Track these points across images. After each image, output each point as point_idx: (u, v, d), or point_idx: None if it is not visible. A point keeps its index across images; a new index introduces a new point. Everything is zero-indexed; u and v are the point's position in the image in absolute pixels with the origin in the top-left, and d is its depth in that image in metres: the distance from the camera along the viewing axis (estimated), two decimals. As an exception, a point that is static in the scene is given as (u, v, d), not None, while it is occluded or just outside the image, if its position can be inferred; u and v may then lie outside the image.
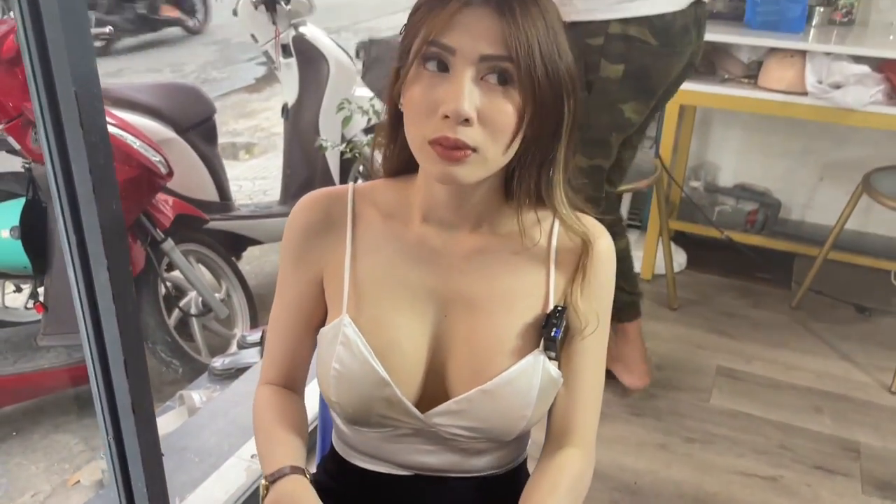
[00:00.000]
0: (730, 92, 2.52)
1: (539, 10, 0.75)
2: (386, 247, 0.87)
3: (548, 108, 0.77)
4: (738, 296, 2.72)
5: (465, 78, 0.73)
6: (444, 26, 0.73)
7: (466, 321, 0.85)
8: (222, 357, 2.34)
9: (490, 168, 0.78)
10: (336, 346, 0.85)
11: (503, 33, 0.72)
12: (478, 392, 0.83)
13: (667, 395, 2.16)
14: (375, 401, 0.85)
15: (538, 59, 0.73)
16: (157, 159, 2.26)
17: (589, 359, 0.88)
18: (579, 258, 0.86)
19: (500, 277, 0.86)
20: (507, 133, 0.76)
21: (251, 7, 2.88)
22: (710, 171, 3.13)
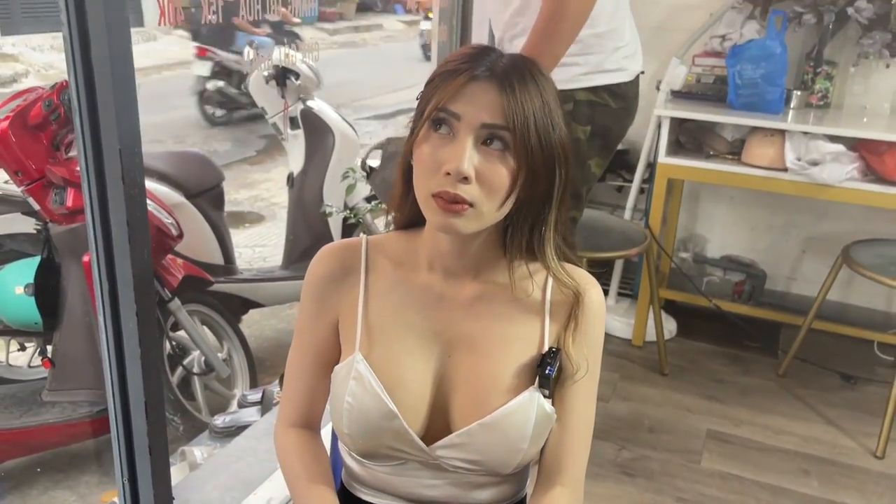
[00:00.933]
0: (715, 167, 2.67)
1: (537, 87, 0.86)
2: (396, 292, 0.96)
3: (540, 174, 0.86)
4: (726, 363, 2.80)
5: (467, 142, 0.84)
6: (453, 95, 0.85)
7: (468, 361, 0.93)
8: (223, 415, 2.37)
9: (485, 222, 0.88)
10: (349, 382, 0.93)
11: (503, 105, 0.83)
12: (477, 426, 0.91)
13: (659, 457, 2.21)
14: (384, 433, 0.92)
15: (532, 129, 0.84)
16: (170, 221, 2.35)
17: (579, 402, 0.96)
18: (571, 308, 0.95)
19: (499, 322, 0.94)
20: (502, 192, 0.86)
21: (262, 81, 3.04)
22: (698, 243, 3.25)
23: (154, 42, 10.58)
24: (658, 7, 3.02)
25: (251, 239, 4.62)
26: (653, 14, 3.02)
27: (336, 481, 1.13)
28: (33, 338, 2.41)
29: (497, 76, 0.84)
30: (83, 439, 2.29)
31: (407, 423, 0.92)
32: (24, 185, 2.14)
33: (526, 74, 0.86)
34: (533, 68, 0.88)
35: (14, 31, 8.38)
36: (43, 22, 7.11)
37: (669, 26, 2.99)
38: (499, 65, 0.86)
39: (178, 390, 2.48)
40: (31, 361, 2.53)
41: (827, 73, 2.77)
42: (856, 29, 2.71)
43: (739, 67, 2.60)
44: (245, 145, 6.59)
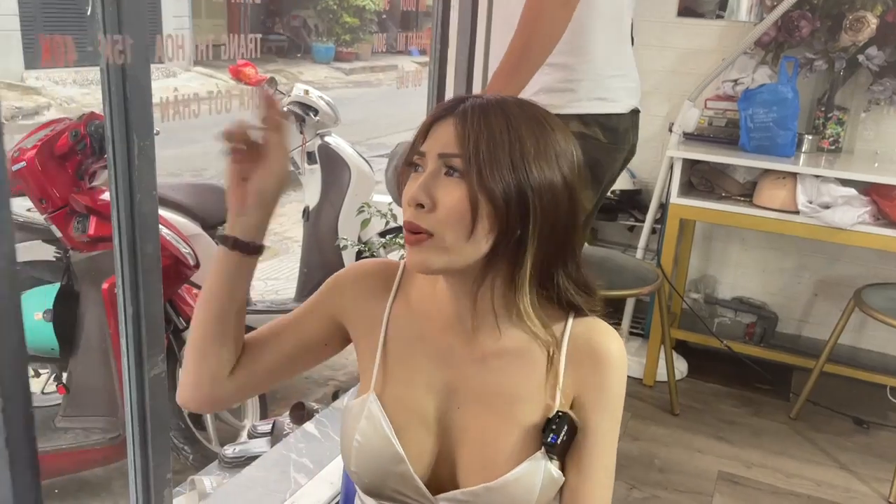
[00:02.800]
0: (727, 208, 2.69)
1: (503, 117, 0.84)
2: (413, 332, 0.96)
3: (501, 205, 0.82)
4: (738, 404, 2.78)
5: (427, 172, 0.85)
6: (422, 136, 0.88)
7: (477, 417, 0.92)
8: (233, 445, 2.38)
9: (455, 256, 0.84)
10: (361, 420, 0.93)
11: (456, 135, 0.84)
12: (483, 489, 0.89)
13: (669, 497, 2.20)
14: (390, 475, 0.92)
15: (485, 155, 0.82)
16: (187, 251, 2.39)
17: (598, 460, 0.92)
18: (588, 362, 0.91)
19: (511, 379, 0.91)
20: (463, 220, 0.83)
21: (281, 117, 3.10)
22: (709, 284, 3.26)
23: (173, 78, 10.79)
24: (671, 51, 3.08)
25: (264, 272, 4.66)
26: (666, 58, 3.08)
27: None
28: (48, 364, 2.44)
29: (458, 113, 0.85)
30: (94, 466, 2.29)
31: (413, 469, 0.91)
32: (48, 212, 2.19)
33: (491, 108, 0.85)
34: (515, 106, 0.86)
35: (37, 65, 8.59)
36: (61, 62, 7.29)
37: (682, 70, 3.05)
38: (466, 104, 0.86)
39: (189, 419, 2.48)
40: (44, 388, 2.54)
41: (838, 118, 2.81)
42: (867, 76, 2.75)
43: (751, 111, 2.64)
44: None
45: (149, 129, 1.19)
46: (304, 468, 2.08)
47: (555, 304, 0.92)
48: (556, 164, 0.85)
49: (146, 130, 1.18)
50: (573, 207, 0.87)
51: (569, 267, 0.90)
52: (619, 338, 0.94)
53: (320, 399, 2.87)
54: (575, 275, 0.91)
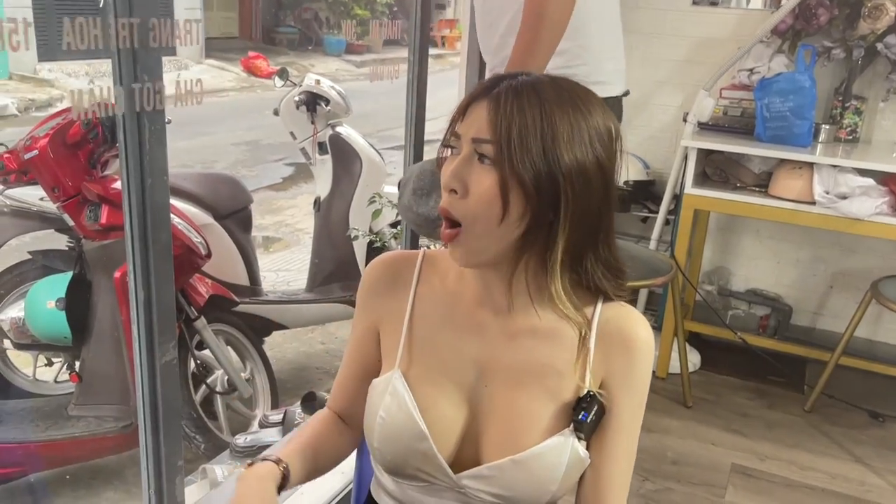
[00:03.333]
0: (742, 199, 2.66)
1: (536, 100, 0.83)
2: (441, 312, 0.96)
3: (531, 190, 0.82)
4: (751, 397, 2.76)
5: (461, 157, 0.85)
6: (459, 116, 0.88)
7: (505, 394, 0.92)
8: (244, 435, 2.38)
9: (488, 243, 0.85)
10: (385, 397, 0.93)
11: (489, 119, 0.83)
12: (508, 461, 0.89)
13: (682, 490, 2.18)
14: (412, 453, 0.92)
15: (516, 141, 0.81)
16: (199, 241, 2.39)
17: (621, 444, 0.93)
18: (617, 346, 0.91)
19: (541, 358, 0.92)
20: (491, 206, 0.83)
21: (293, 107, 3.10)
22: (723, 276, 3.23)
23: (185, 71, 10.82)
24: (686, 40, 3.04)
25: (275, 263, 4.67)
26: (680, 47, 3.05)
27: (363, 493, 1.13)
28: (61, 353, 2.44)
29: (493, 94, 0.85)
30: (107, 454, 2.30)
31: (436, 447, 0.91)
32: (60, 201, 2.19)
33: (525, 91, 0.83)
34: (550, 88, 0.85)
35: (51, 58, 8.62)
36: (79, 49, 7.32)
37: (697, 59, 3.02)
38: (502, 85, 0.85)
39: (201, 408, 2.49)
40: (57, 377, 2.55)
41: (856, 107, 2.77)
42: (885, 64, 2.71)
43: (768, 100, 2.61)
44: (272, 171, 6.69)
45: (160, 115, 1.18)
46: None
47: (584, 288, 0.92)
48: (590, 147, 0.84)
49: (158, 115, 1.17)
50: (607, 190, 0.87)
51: (600, 250, 0.90)
52: (647, 324, 0.95)
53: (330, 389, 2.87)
54: (606, 258, 0.91)
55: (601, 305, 0.93)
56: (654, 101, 3.15)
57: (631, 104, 3.22)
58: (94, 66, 8.12)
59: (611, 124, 0.88)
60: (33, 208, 2.38)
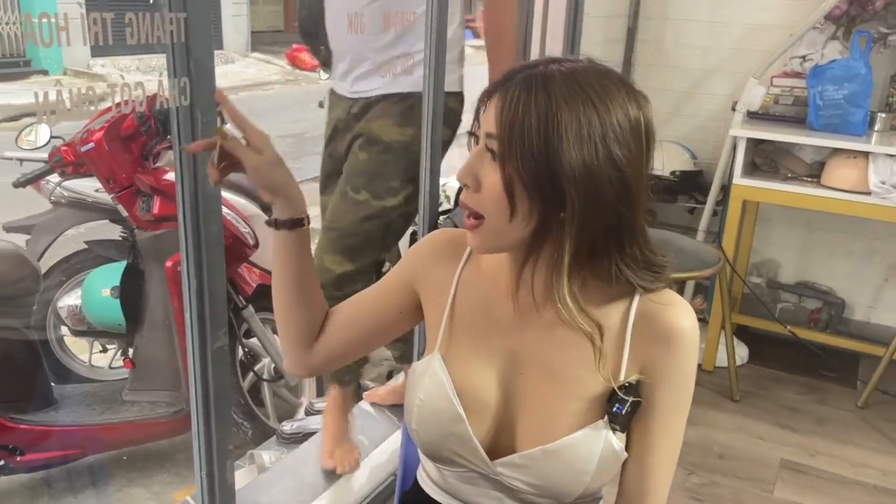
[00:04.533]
0: (793, 189, 2.60)
1: (545, 96, 0.80)
2: (483, 298, 0.96)
3: (536, 188, 0.81)
4: (801, 391, 2.70)
5: (475, 151, 0.86)
6: (481, 108, 0.87)
7: (541, 384, 0.92)
8: (291, 422, 2.43)
9: (504, 237, 0.85)
10: (424, 379, 0.95)
11: (496, 114, 0.82)
12: (540, 451, 0.89)
13: (729, 484, 2.15)
14: (449, 436, 0.93)
15: (517, 136, 0.80)
16: (247, 231, 2.43)
17: (664, 436, 0.92)
18: (659, 338, 0.89)
19: (577, 348, 0.90)
20: (499, 202, 0.83)
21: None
22: (771, 268, 3.16)
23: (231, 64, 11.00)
24: (736, 27, 2.98)
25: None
26: (731, 34, 2.99)
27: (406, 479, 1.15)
28: (115, 340, 2.52)
29: (506, 88, 0.83)
30: (159, 438, 2.37)
31: (472, 431, 0.92)
32: (115, 192, 2.25)
33: (535, 85, 0.81)
34: (555, 83, 0.81)
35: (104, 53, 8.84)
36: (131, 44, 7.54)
37: (747, 47, 2.95)
38: (515, 78, 0.83)
39: (248, 396, 2.54)
40: (111, 363, 2.63)
41: (913, 95, 2.68)
42: (945, 50, 2.62)
43: (821, 88, 2.55)
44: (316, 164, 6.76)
45: (211, 106, 1.21)
46: (360, 444, 2.11)
47: (618, 282, 0.88)
48: (602, 144, 0.80)
49: (209, 107, 1.20)
50: (626, 189, 0.82)
51: (626, 249, 0.86)
52: (691, 312, 0.91)
53: (375, 378, 2.89)
54: (635, 256, 0.87)
55: (638, 298, 0.90)
56: (701, 90, 3.10)
57: (678, 94, 3.19)
58: (143, 61, 8.31)
59: (638, 117, 0.83)
60: (89, 199, 2.45)
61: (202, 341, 1.30)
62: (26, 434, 2.04)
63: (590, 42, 2.78)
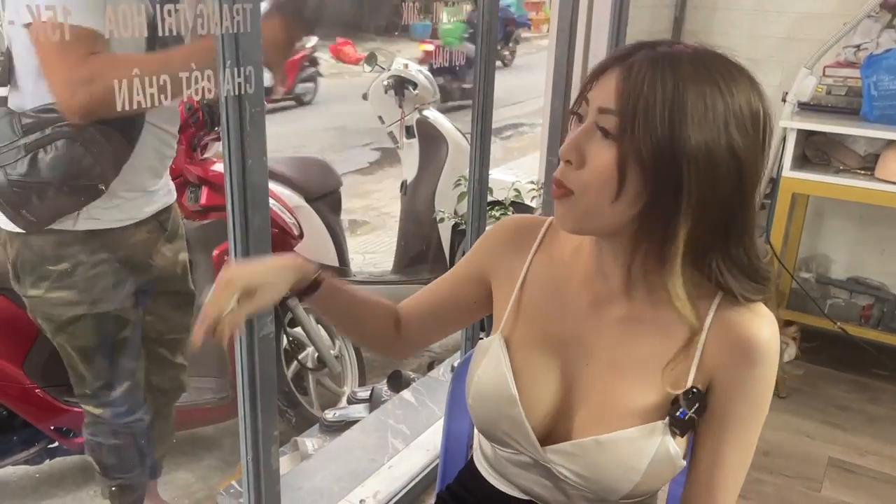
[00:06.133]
0: (845, 182, 2.53)
1: (671, 75, 0.77)
2: (553, 283, 0.95)
3: (649, 171, 0.77)
4: (851, 389, 2.64)
5: (583, 126, 0.81)
6: (591, 82, 0.82)
7: (604, 377, 0.90)
8: (333, 410, 2.46)
9: (593, 217, 0.81)
10: (485, 358, 0.95)
11: (616, 89, 0.78)
12: (592, 441, 0.88)
13: (774, 482, 2.12)
14: (502, 417, 0.93)
15: (640, 117, 0.76)
16: (292, 222, 2.47)
17: (736, 448, 0.89)
18: (736, 348, 0.85)
19: (649, 345, 0.88)
20: (606, 182, 0.79)
21: (382, 91, 3.15)
22: (821, 263, 3.09)
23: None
24: (786, 16, 2.91)
25: (362, 246, 4.76)
26: (781, 23, 2.92)
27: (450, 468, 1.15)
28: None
29: (627, 63, 0.79)
30: (206, 424, 2.42)
31: (525, 415, 0.91)
32: (164, 183, 2.30)
33: (664, 63, 0.78)
34: (681, 62, 0.78)
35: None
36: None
37: (798, 36, 2.88)
38: (639, 53, 0.79)
39: (292, 384, 2.58)
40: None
41: (974, 85, 2.58)
42: None
43: (876, 78, 2.47)
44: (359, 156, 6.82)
45: (259, 98, 1.23)
46: (402, 434, 2.13)
47: (705, 280, 0.85)
48: (724, 131, 0.77)
49: (257, 98, 1.22)
50: (742, 181, 0.79)
51: (731, 249, 0.83)
52: (773, 323, 0.86)
53: (416, 369, 2.92)
54: (739, 259, 0.83)
55: (718, 301, 0.86)
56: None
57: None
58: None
59: (759, 108, 0.80)
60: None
61: (249, 329, 1.33)
62: (79, 417, 2.10)
63: (635, 32, 2.74)
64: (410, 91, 3.11)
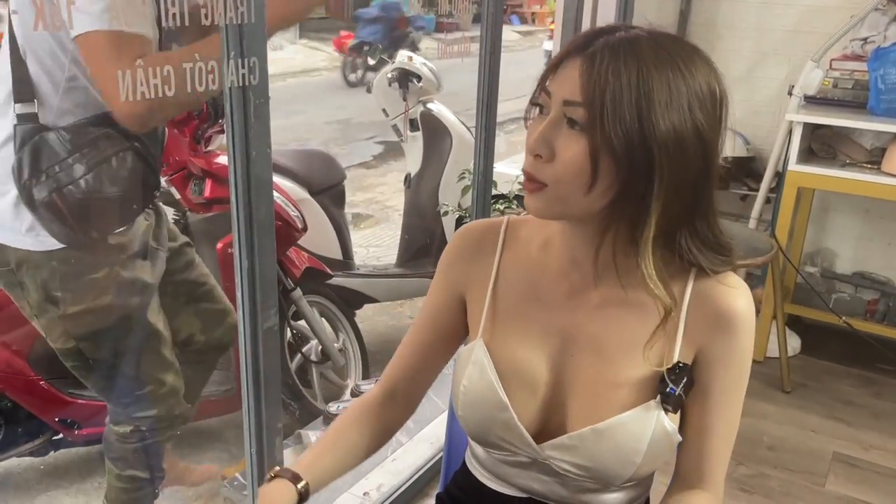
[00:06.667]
0: (851, 176, 2.52)
1: (633, 62, 0.76)
2: (525, 280, 0.95)
3: (622, 159, 0.77)
4: (856, 384, 2.63)
5: (549, 119, 0.80)
6: (551, 74, 0.82)
7: (591, 365, 0.90)
8: (337, 402, 2.46)
9: (568, 205, 0.81)
10: (468, 366, 0.94)
11: (581, 80, 0.77)
12: (590, 431, 0.87)
13: (778, 476, 2.11)
14: (495, 423, 0.92)
15: (609, 107, 0.76)
16: (295, 214, 2.46)
17: (721, 417, 0.90)
18: (714, 319, 0.87)
19: (629, 328, 0.89)
20: (577, 174, 0.79)
21: (385, 84, 3.14)
22: (826, 258, 3.08)
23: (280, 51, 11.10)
24: (793, 9, 2.89)
25: (365, 239, 4.76)
26: (788, 16, 2.91)
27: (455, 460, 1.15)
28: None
29: (588, 53, 0.78)
30: (210, 416, 2.42)
31: (518, 417, 0.91)
32: (167, 175, 2.30)
33: (625, 50, 0.77)
34: (650, 46, 0.78)
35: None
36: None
37: (805, 29, 2.86)
38: (598, 42, 0.79)
39: (296, 377, 2.58)
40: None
41: (982, 78, 2.56)
42: None
43: (883, 71, 2.45)
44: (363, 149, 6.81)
45: (264, 89, 1.22)
46: (405, 427, 2.11)
47: (678, 259, 0.86)
48: (689, 113, 0.78)
49: (261, 90, 1.21)
50: (706, 161, 0.81)
51: (697, 226, 0.84)
52: (747, 292, 0.89)
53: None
54: (704, 234, 0.85)
55: (693, 277, 0.87)
56: (756, 74, 3.01)
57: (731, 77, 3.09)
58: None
59: (716, 87, 0.81)
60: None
61: (253, 322, 1.33)
62: (84, 408, 2.10)
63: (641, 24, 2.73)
64: (414, 83, 3.10)
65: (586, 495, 0.94)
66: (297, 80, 10.12)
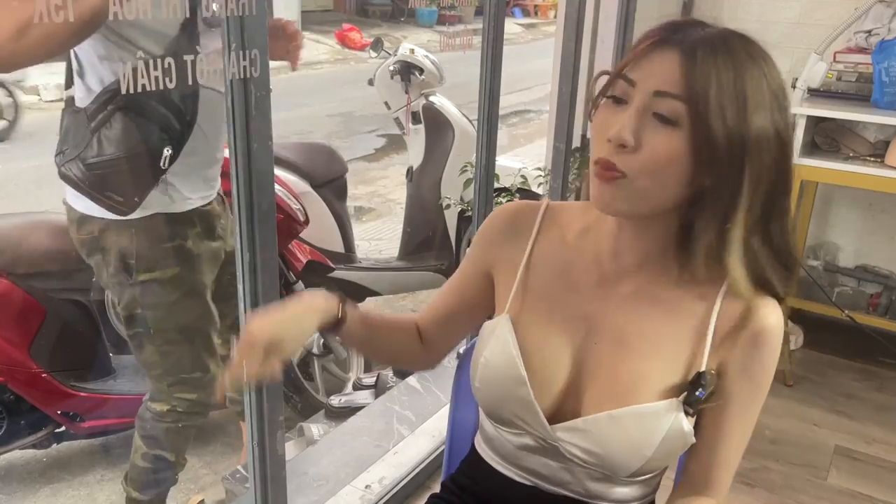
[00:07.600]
0: (855, 169, 2.51)
1: (730, 60, 0.77)
2: (559, 264, 0.95)
3: (719, 158, 0.77)
4: (859, 377, 2.63)
5: (635, 108, 0.79)
6: (634, 62, 0.80)
7: (614, 354, 0.89)
8: (339, 396, 2.46)
9: (643, 200, 0.81)
10: (491, 339, 0.94)
11: (681, 74, 0.76)
12: (606, 416, 0.87)
13: (780, 469, 2.11)
14: (511, 397, 0.92)
15: (712, 105, 0.75)
16: (297, 207, 2.46)
17: (737, 427, 0.91)
18: (743, 331, 0.86)
19: (658, 323, 0.89)
20: (665, 169, 0.78)
21: (388, 77, 3.13)
22: (829, 251, 3.07)
23: (282, 43, 11.06)
24: (797, 1, 2.88)
25: (368, 233, 4.76)
26: (791, 8, 2.89)
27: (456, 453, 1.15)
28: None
29: (684, 44, 0.77)
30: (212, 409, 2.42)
31: (534, 395, 0.91)
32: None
33: (721, 47, 0.77)
34: (738, 44, 0.79)
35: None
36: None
37: (809, 21, 2.85)
38: (694, 34, 0.78)
39: (298, 370, 2.58)
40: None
41: None
42: None
43: (887, 64, 2.44)
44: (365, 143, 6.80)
45: (265, 81, 1.22)
46: (407, 420, 2.13)
47: (714, 261, 0.84)
48: (771, 114, 0.79)
49: (263, 82, 1.21)
50: (785, 161, 0.81)
51: (772, 230, 0.83)
52: (778, 309, 0.88)
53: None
54: (777, 243, 0.84)
55: (726, 286, 0.86)
56: (759, 67, 3.00)
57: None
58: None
59: (783, 86, 0.81)
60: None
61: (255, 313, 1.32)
62: (86, 401, 2.11)
63: (643, 18, 2.72)
64: (417, 76, 3.09)
65: (590, 484, 0.94)
66: (299, 72, 10.11)
